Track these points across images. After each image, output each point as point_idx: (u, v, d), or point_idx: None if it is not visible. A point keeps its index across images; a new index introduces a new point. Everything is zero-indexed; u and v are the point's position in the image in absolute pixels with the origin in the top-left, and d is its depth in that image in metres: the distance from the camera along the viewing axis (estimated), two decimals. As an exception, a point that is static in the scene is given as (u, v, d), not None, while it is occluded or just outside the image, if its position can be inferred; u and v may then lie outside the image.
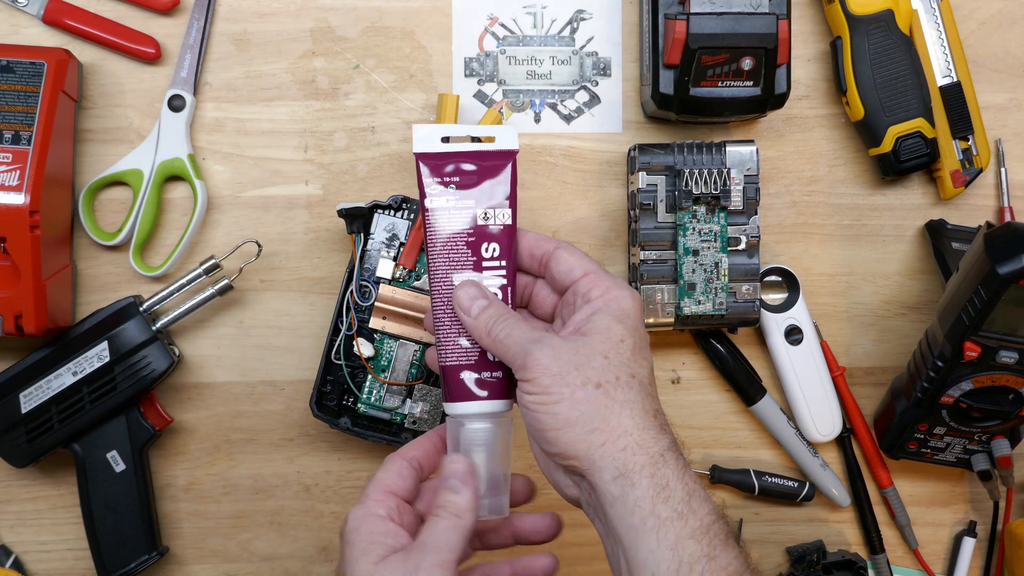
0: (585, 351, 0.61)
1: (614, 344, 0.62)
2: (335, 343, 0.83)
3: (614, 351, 0.61)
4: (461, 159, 0.66)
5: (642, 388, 0.62)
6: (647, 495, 0.59)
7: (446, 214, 0.66)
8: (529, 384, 0.61)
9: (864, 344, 0.90)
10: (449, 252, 0.66)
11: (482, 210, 0.66)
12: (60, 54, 0.80)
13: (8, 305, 0.78)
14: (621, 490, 0.59)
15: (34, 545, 0.87)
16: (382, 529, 0.62)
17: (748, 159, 0.83)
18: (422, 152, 0.67)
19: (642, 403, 0.61)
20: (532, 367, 0.60)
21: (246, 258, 0.84)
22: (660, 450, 0.60)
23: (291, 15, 0.86)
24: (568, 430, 0.60)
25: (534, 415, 0.61)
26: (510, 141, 0.67)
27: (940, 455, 0.86)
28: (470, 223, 0.66)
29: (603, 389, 0.60)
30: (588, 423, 0.60)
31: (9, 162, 0.77)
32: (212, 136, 0.86)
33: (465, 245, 0.66)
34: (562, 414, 0.60)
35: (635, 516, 0.59)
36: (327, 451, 0.87)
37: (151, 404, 0.84)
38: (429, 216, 0.66)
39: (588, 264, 0.65)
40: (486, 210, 0.66)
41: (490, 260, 0.66)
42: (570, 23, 0.87)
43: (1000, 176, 0.89)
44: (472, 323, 0.64)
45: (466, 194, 0.66)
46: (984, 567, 0.90)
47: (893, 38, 0.83)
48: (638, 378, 0.62)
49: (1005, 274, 0.72)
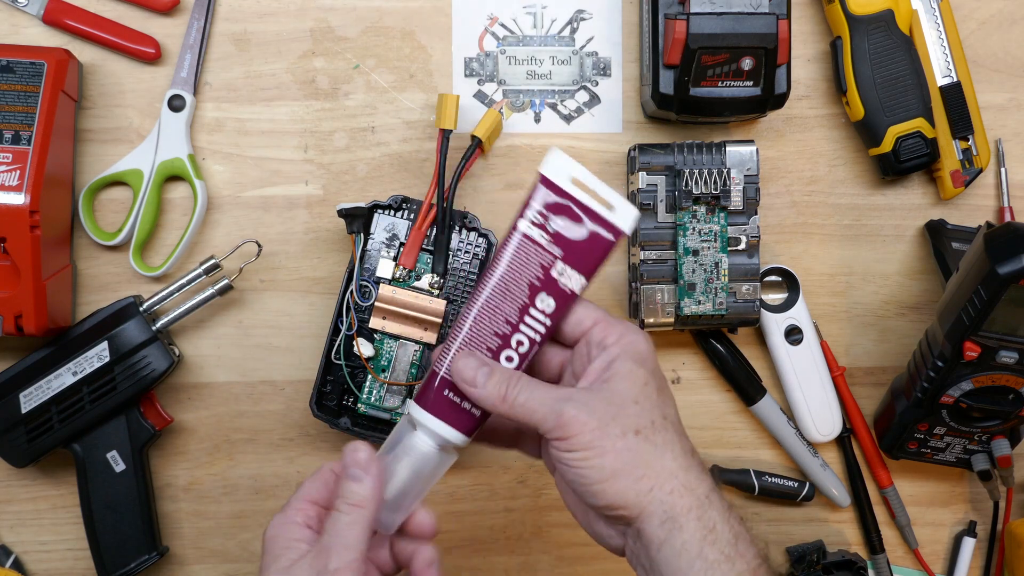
0: (617, 400, 0.60)
1: (640, 388, 0.61)
2: (335, 343, 0.83)
3: (642, 395, 0.61)
4: (577, 207, 0.63)
5: (676, 429, 0.62)
6: (695, 538, 0.59)
7: (530, 247, 0.63)
8: (567, 442, 0.59)
9: (864, 344, 0.90)
10: (508, 281, 0.63)
11: (563, 265, 0.63)
12: (60, 54, 0.80)
13: (8, 305, 0.78)
14: (668, 533, 0.59)
15: (34, 545, 0.87)
16: (297, 535, 0.61)
17: (748, 159, 0.83)
18: (548, 178, 0.63)
19: (680, 444, 0.61)
20: (569, 425, 0.59)
21: (246, 258, 0.84)
22: (705, 491, 0.60)
23: (291, 15, 0.86)
24: (615, 481, 0.59)
25: (578, 471, 0.60)
26: (626, 222, 0.63)
27: (940, 455, 0.86)
28: (543, 270, 0.63)
29: (642, 435, 0.60)
30: (634, 471, 0.59)
31: (9, 162, 0.77)
32: (212, 136, 0.86)
33: (527, 285, 0.63)
34: (608, 466, 0.59)
35: (682, 559, 0.59)
36: (327, 451, 0.87)
37: (151, 404, 0.84)
38: (513, 238, 0.63)
39: (596, 312, 0.64)
40: (566, 267, 0.63)
41: (538, 313, 0.63)
42: (570, 23, 0.87)
43: (1000, 176, 0.89)
44: (481, 393, 0.61)
45: (559, 240, 0.63)
46: (984, 567, 0.90)
47: (893, 38, 0.83)
48: (670, 419, 0.62)
49: (1005, 274, 0.72)
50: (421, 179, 0.86)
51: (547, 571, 0.89)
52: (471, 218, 0.83)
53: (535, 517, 0.89)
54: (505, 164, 0.87)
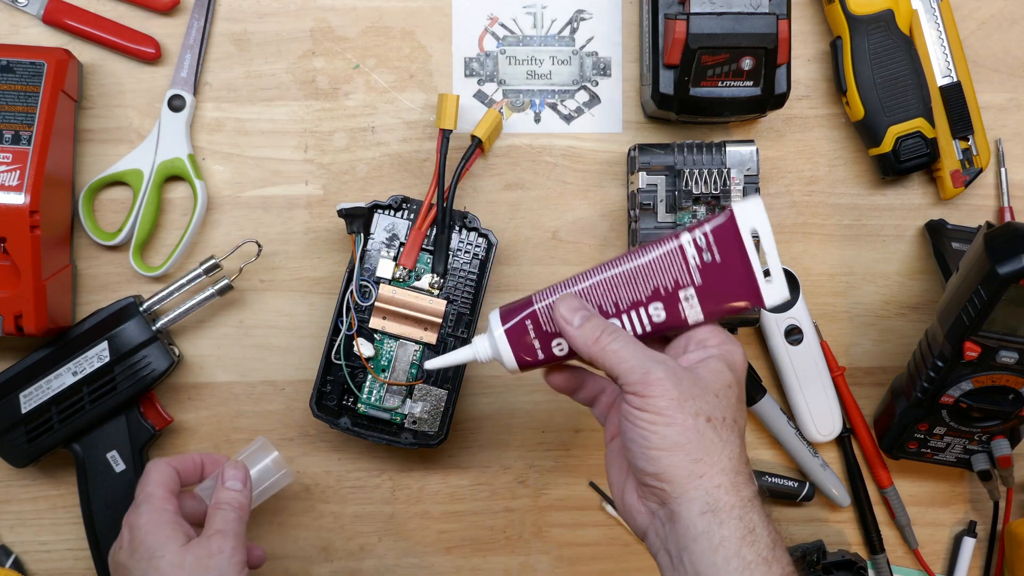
0: (701, 384, 0.62)
1: (723, 386, 0.62)
2: (335, 343, 0.83)
3: (723, 392, 0.62)
4: (740, 257, 0.63)
5: (741, 435, 0.63)
6: (734, 535, 0.59)
7: (677, 259, 0.64)
8: (643, 400, 0.60)
9: (864, 344, 0.90)
10: (639, 274, 0.64)
11: (693, 293, 0.64)
12: (60, 54, 0.80)
13: (8, 305, 0.78)
14: (707, 525, 0.59)
15: (34, 545, 0.87)
16: (176, 521, 0.72)
17: (748, 159, 0.83)
18: (735, 217, 0.63)
19: (739, 449, 0.62)
20: (653, 385, 0.60)
21: (246, 258, 0.84)
22: (749, 495, 0.61)
23: (291, 15, 0.86)
24: (672, 454, 0.60)
25: (642, 431, 0.61)
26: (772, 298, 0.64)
27: (940, 455, 0.86)
28: (675, 285, 0.64)
29: (712, 424, 0.61)
30: (693, 452, 0.60)
31: (9, 162, 0.77)
32: (212, 136, 0.86)
33: (652, 288, 0.64)
34: (671, 437, 0.60)
35: (719, 555, 0.59)
36: (327, 451, 0.87)
37: (151, 404, 0.84)
38: (668, 242, 0.64)
39: None
40: (695, 297, 0.64)
41: (645, 315, 0.64)
42: (570, 23, 0.87)
43: (1000, 176, 0.89)
44: (575, 332, 0.63)
45: (705, 272, 0.64)
46: (984, 567, 0.90)
47: (893, 38, 0.83)
48: (739, 425, 0.63)
49: (1005, 274, 0.72)
50: (421, 179, 0.86)
51: (547, 571, 0.89)
52: (471, 218, 0.83)
53: (535, 517, 0.89)
54: (505, 164, 0.87)
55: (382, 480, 0.88)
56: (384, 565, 0.88)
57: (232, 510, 0.73)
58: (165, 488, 0.73)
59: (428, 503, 0.88)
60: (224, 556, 0.70)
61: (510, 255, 0.87)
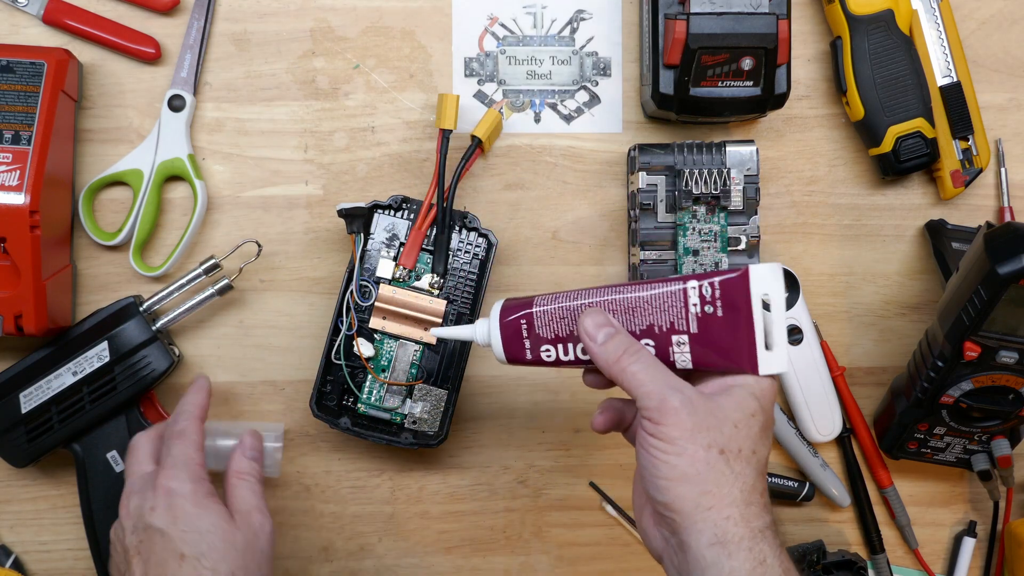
0: (719, 414, 0.61)
1: (746, 416, 0.61)
2: (335, 343, 0.83)
3: (744, 423, 0.61)
4: (744, 319, 0.61)
5: (759, 466, 0.62)
6: (744, 567, 0.59)
7: (679, 302, 0.62)
8: (657, 427, 0.60)
9: (864, 344, 0.90)
10: (638, 306, 0.63)
11: (686, 340, 0.63)
12: (60, 54, 0.80)
13: (8, 305, 0.78)
14: (716, 558, 0.59)
15: (34, 545, 0.87)
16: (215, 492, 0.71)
17: (748, 159, 0.83)
18: (749, 279, 0.61)
19: (754, 480, 0.61)
20: (668, 414, 0.60)
21: (246, 258, 0.84)
22: (761, 526, 0.60)
23: (291, 15, 0.86)
24: (680, 484, 0.60)
25: (652, 460, 0.60)
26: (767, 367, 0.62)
27: (940, 455, 0.86)
28: (670, 327, 0.63)
29: (725, 456, 0.60)
30: (702, 484, 0.60)
31: (9, 162, 0.77)
32: (212, 136, 0.86)
33: (648, 322, 0.63)
34: (680, 467, 0.60)
35: None
36: (327, 451, 0.87)
37: (151, 404, 0.84)
38: (675, 283, 0.63)
39: None
40: (687, 344, 0.63)
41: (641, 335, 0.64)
42: (570, 23, 0.87)
43: (1000, 176, 0.89)
44: (599, 349, 0.62)
45: (703, 323, 0.62)
46: (984, 567, 0.90)
47: (893, 38, 0.83)
48: (758, 455, 0.62)
49: (1005, 274, 0.72)
50: (421, 179, 0.86)
51: (547, 571, 0.89)
52: (471, 218, 0.83)
53: (535, 517, 0.89)
54: (505, 164, 0.87)
55: (382, 480, 0.88)
56: (384, 565, 0.88)
57: (257, 482, 0.74)
58: (200, 451, 0.72)
59: (428, 503, 0.88)
60: (267, 533, 0.71)
61: (510, 255, 0.87)
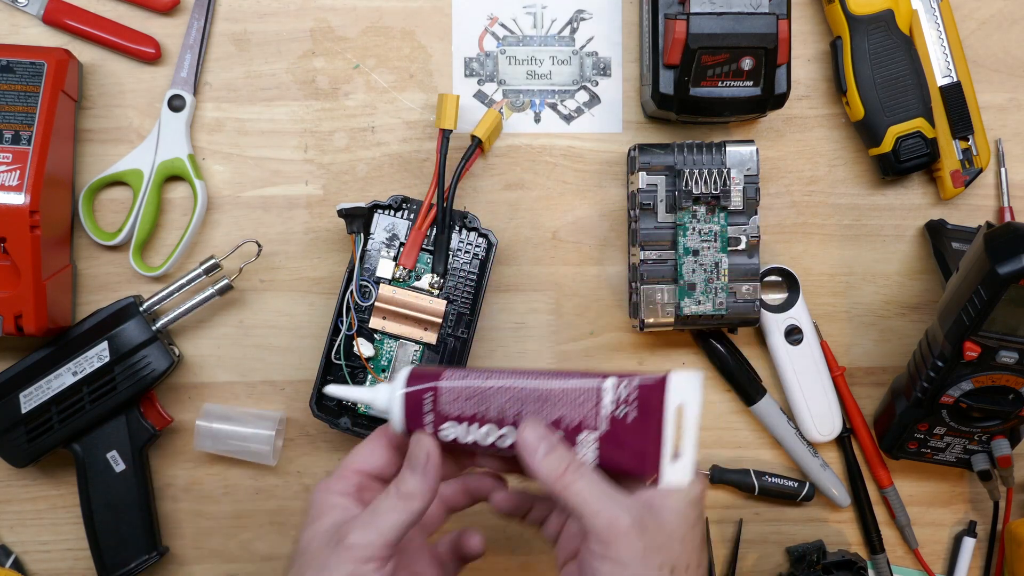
0: (666, 529, 0.59)
1: (689, 528, 0.60)
2: (335, 343, 0.83)
3: (689, 536, 0.60)
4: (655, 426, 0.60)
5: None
6: None
7: (591, 399, 0.61)
8: (607, 548, 0.58)
9: (864, 344, 0.90)
10: (550, 397, 0.61)
11: (594, 439, 0.61)
12: (60, 54, 0.80)
13: (8, 305, 0.78)
14: None
15: (34, 545, 0.87)
16: (333, 502, 0.62)
17: (748, 159, 0.83)
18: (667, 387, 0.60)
19: None
20: (618, 536, 0.58)
21: (246, 258, 0.84)
22: None
23: (291, 15, 0.86)
24: None
25: None
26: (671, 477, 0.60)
27: (940, 455, 0.86)
28: (580, 423, 0.61)
29: (675, 575, 0.59)
30: None
31: (9, 162, 0.77)
32: (212, 136, 0.86)
33: (559, 415, 0.61)
34: None
35: None
36: (327, 451, 0.87)
37: (151, 404, 0.84)
38: (592, 379, 0.61)
39: None
40: (595, 443, 0.61)
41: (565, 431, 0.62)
42: (570, 23, 0.87)
43: (1000, 176, 0.89)
44: (539, 464, 0.60)
45: (614, 424, 0.60)
46: (984, 567, 0.90)
47: (893, 38, 0.83)
48: (702, 567, 0.61)
49: (1005, 274, 0.72)
50: (421, 179, 0.86)
51: (547, 571, 0.89)
52: (471, 218, 0.83)
53: (535, 517, 0.88)
54: (505, 164, 0.87)
55: (382, 480, 0.88)
56: (384, 565, 0.88)
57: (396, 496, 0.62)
58: (351, 465, 0.65)
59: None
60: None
61: (510, 255, 0.87)
